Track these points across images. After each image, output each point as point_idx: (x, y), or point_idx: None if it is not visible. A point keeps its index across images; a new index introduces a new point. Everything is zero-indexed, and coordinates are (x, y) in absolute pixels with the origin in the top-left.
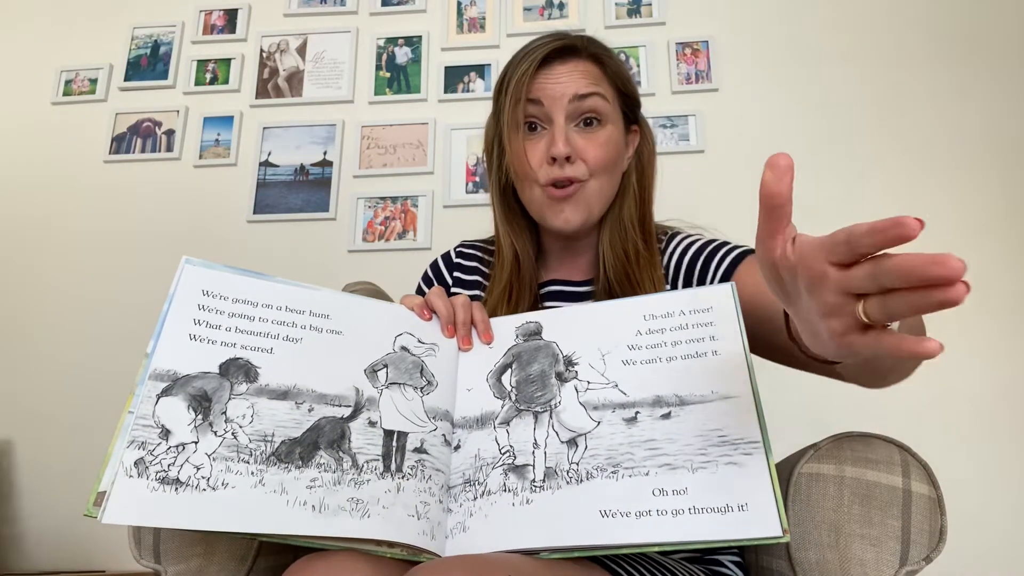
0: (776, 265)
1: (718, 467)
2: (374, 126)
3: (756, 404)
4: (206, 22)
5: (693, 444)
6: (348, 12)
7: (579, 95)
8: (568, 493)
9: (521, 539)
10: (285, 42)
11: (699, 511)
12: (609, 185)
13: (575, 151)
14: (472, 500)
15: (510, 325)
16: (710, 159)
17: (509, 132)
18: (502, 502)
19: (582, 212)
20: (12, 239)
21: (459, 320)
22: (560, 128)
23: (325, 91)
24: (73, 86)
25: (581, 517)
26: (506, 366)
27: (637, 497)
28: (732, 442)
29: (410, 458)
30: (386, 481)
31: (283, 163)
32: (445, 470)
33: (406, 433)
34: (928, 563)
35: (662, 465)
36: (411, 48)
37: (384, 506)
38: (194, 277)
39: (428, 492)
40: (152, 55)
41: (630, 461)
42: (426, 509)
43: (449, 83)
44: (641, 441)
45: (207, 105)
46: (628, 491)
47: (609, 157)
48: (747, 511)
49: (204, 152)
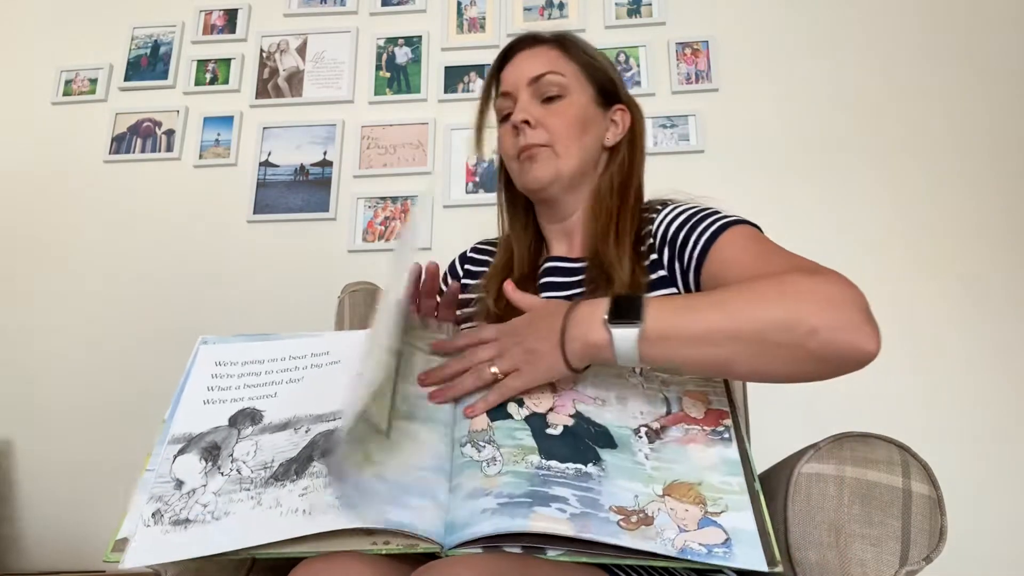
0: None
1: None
2: (374, 126)
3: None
4: (206, 22)
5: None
6: (348, 12)
7: (535, 76)
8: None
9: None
10: (285, 42)
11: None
12: (576, 149)
13: (535, 119)
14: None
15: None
16: (710, 159)
17: (497, 123)
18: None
19: (548, 170)
20: (12, 239)
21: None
22: (522, 102)
23: (325, 91)
24: (73, 86)
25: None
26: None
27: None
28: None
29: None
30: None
31: (283, 163)
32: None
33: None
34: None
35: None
36: (411, 48)
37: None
38: (209, 354)
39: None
40: (152, 55)
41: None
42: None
43: (449, 83)
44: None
45: (207, 105)
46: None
47: (568, 124)
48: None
49: (204, 152)
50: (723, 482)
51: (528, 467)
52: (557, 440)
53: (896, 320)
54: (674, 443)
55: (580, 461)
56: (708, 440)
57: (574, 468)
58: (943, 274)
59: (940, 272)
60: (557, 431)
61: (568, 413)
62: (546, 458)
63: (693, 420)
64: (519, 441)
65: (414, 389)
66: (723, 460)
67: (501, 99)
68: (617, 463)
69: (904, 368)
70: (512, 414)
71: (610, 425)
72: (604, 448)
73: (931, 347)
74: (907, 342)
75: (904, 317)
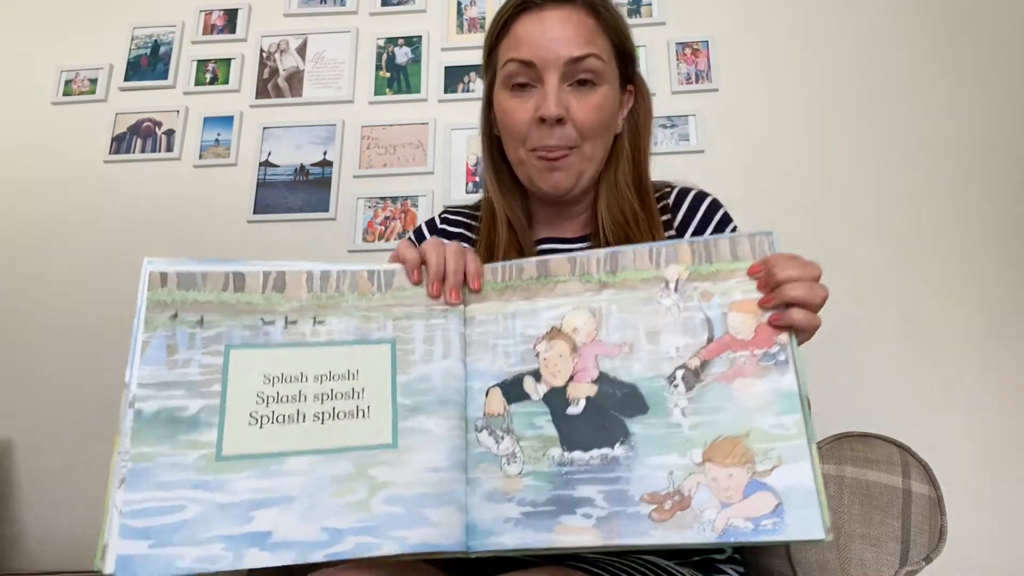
0: None
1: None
2: (374, 126)
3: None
4: (206, 22)
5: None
6: (348, 12)
7: (574, 58)
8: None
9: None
10: (285, 42)
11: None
12: (601, 148)
13: (568, 113)
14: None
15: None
16: (710, 159)
17: (498, 87)
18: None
19: (572, 177)
20: (12, 239)
21: (449, 270)
22: (552, 88)
23: (325, 91)
24: (73, 86)
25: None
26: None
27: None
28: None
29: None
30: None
31: (283, 163)
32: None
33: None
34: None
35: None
36: (411, 48)
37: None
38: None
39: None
40: (152, 55)
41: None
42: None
43: (449, 83)
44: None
45: (207, 105)
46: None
47: (601, 121)
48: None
49: (204, 152)
50: (776, 425)
51: (550, 464)
52: (580, 421)
53: (896, 320)
54: (716, 382)
55: (606, 444)
56: (758, 368)
57: (599, 455)
58: (944, 274)
59: (941, 272)
60: (579, 408)
61: (590, 379)
62: (568, 449)
63: (741, 344)
64: (539, 430)
65: (417, 371)
66: (777, 393)
67: (518, 65)
68: (648, 433)
69: (904, 368)
70: (529, 392)
71: (640, 380)
72: (633, 417)
73: (931, 347)
74: (907, 342)
75: (904, 317)
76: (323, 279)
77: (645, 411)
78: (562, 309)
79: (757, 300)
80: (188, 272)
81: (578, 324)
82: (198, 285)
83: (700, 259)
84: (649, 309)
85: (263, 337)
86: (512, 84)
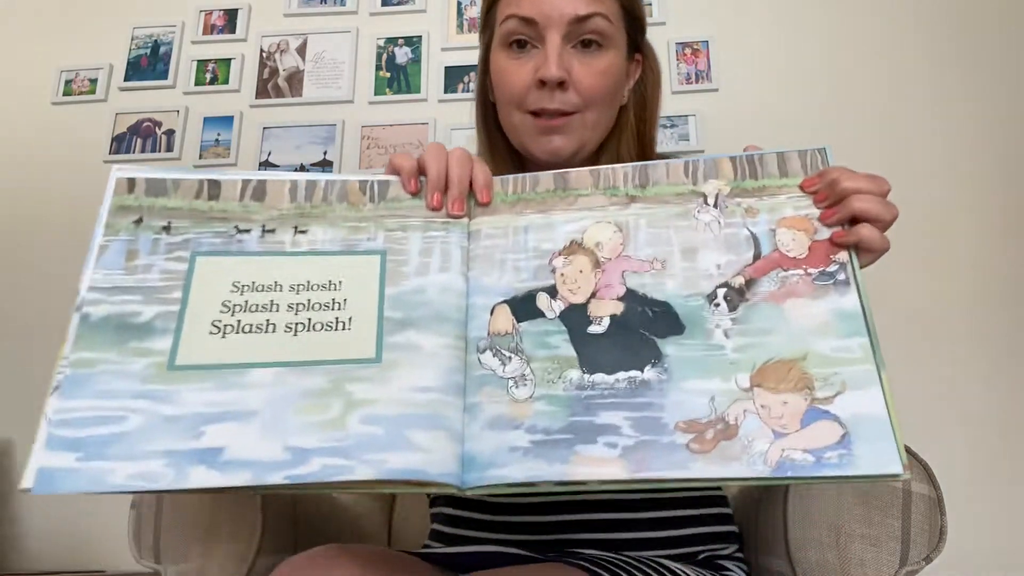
0: None
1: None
2: (374, 126)
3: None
4: (206, 22)
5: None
6: (348, 12)
7: (579, 16)
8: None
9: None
10: (285, 42)
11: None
12: (605, 117)
13: (570, 76)
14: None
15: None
16: None
17: (495, 47)
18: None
19: (574, 142)
20: (12, 239)
21: (453, 178)
22: (554, 48)
23: (325, 91)
24: (73, 86)
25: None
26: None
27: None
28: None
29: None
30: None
31: (283, 163)
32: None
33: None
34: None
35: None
36: (411, 48)
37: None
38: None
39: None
40: (152, 55)
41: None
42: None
43: (449, 83)
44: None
45: (207, 105)
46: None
47: (606, 87)
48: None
49: (204, 152)
50: (838, 348)
51: (567, 388)
52: (603, 341)
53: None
54: (766, 302)
55: (635, 366)
56: (814, 289)
57: (627, 378)
58: (944, 273)
59: (941, 271)
60: (602, 327)
61: (615, 295)
62: (589, 371)
63: (793, 262)
64: (554, 350)
65: (409, 283)
66: (838, 314)
67: (518, 22)
68: (685, 356)
69: (904, 368)
70: (543, 310)
71: (674, 298)
72: (667, 337)
73: (931, 346)
74: (907, 341)
75: (904, 316)
76: (309, 188)
77: (681, 331)
78: (583, 223)
79: (810, 216)
80: (158, 178)
81: (602, 239)
82: (168, 191)
83: (743, 174)
84: (685, 224)
85: (236, 245)
86: (510, 42)
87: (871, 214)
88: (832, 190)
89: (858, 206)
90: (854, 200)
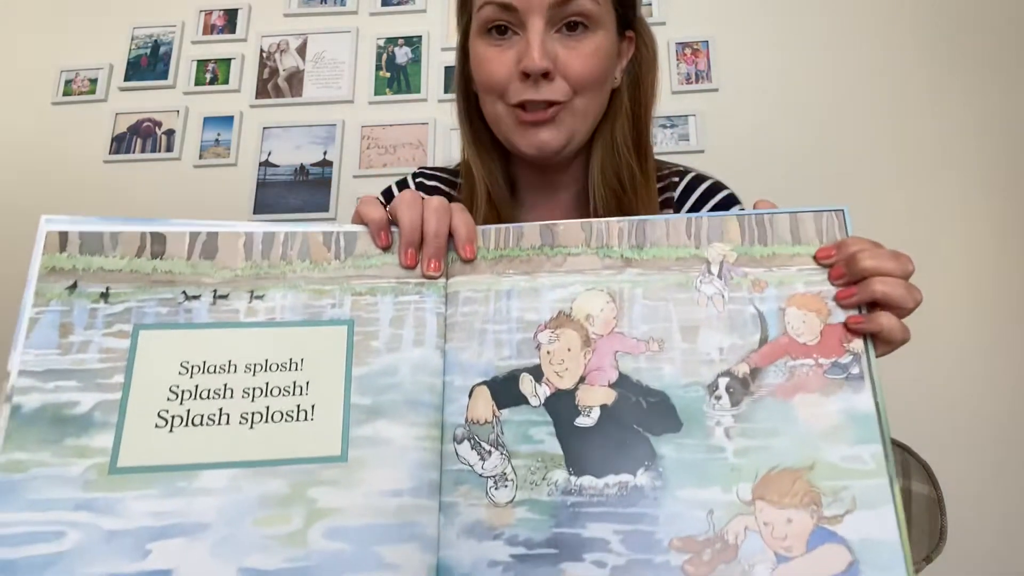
0: None
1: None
2: (374, 126)
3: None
4: (206, 22)
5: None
6: (348, 12)
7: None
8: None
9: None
10: (285, 42)
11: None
12: (596, 104)
13: (555, 65)
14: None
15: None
16: (710, 159)
17: (474, 35)
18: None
19: (563, 134)
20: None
21: (429, 232)
22: (536, 34)
23: (325, 91)
24: (73, 86)
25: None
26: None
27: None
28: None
29: None
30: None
31: (283, 163)
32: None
33: None
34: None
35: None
36: (411, 48)
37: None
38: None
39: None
40: (152, 55)
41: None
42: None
43: (449, 83)
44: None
45: (207, 105)
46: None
47: (597, 71)
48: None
49: (204, 152)
50: (849, 457)
51: (552, 492)
52: (592, 437)
53: None
54: (772, 397)
55: (626, 469)
56: (826, 383)
57: (617, 483)
58: (944, 273)
59: (941, 271)
60: (591, 419)
61: (607, 381)
62: (576, 473)
63: (803, 349)
64: (538, 445)
65: (379, 361)
66: (850, 416)
67: (496, 8)
68: (682, 458)
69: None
70: (526, 395)
71: (671, 388)
72: (663, 435)
73: (932, 346)
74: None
75: None
76: (266, 243)
77: (678, 428)
78: (573, 289)
79: (823, 295)
80: (94, 232)
81: (593, 310)
82: (106, 249)
83: (751, 239)
84: (685, 297)
85: (184, 315)
86: (489, 28)
87: (893, 299)
88: (851, 268)
89: (880, 289)
90: (876, 283)
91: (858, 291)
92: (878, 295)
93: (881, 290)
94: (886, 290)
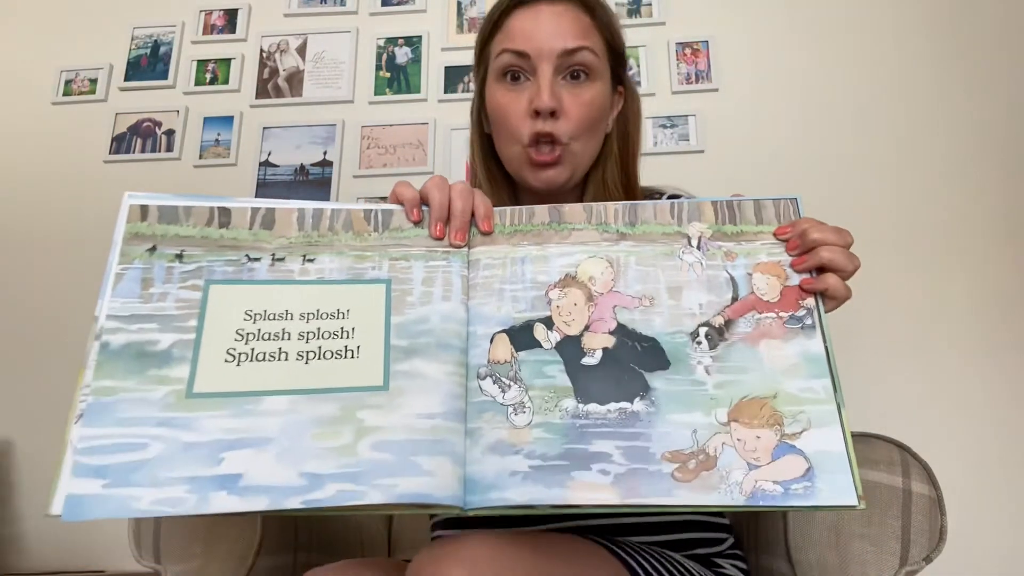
0: None
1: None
2: (374, 126)
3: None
4: (206, 22)
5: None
6: (348, 12)
7: (568, 50)
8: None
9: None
10: (285, 42)
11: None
12: (592, 145)
13: (561, 106)
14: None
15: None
16: (710, 159)
17: (491, 81)
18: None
19: (566, 171)
20: (12, 238)
21: (456, 210)
22: (546, 79)
23: (325, 91)
24: (73, 86)
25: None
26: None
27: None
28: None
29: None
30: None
31: (283, 163)
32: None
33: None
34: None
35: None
36: (411, 48)
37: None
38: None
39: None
40: (152, 55)
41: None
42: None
43: (449, 83)
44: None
45: (207, 105)
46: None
47: (593, 117)
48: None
49: (204, 152)
50: (804, 388)
51: (563, 416)
52: (596, 372)
53: (897, 320)
54: (742, 342)
55: (625, 398)
56: (785, 332)
57: (617, 409)
58: (944, 273)
59: (941, 271)
60: (595, 359)
61: (607, 329)
62: (583, 401)
63: (766, 305)
64: (550, 380)
65: (413, 312)
66: (805, 357)
67: (512, 56)
68: (671, 390)
69: (904, 368)
70: (540, 340)
71: (661, 335)
72: (654, 371)
73: (932, 346)
74: (907, 342)
75: (904, 317)
76: (315, 217)
77: (667, 366)
78: (577, 256)
79: (782, 262)
80: (170, 206)
81: (595, 273)
82: (180, 219)
83: (723, 219)
84: (670, 264)
85: (247, 274)
86: (505, 74)
87: (837, 264)
88: (802, 240)
89: (826, 256)
90: (822, 251)
91: (808, 258)
92: (824, 261)
93: (827, 257)
94: (831, 256)
